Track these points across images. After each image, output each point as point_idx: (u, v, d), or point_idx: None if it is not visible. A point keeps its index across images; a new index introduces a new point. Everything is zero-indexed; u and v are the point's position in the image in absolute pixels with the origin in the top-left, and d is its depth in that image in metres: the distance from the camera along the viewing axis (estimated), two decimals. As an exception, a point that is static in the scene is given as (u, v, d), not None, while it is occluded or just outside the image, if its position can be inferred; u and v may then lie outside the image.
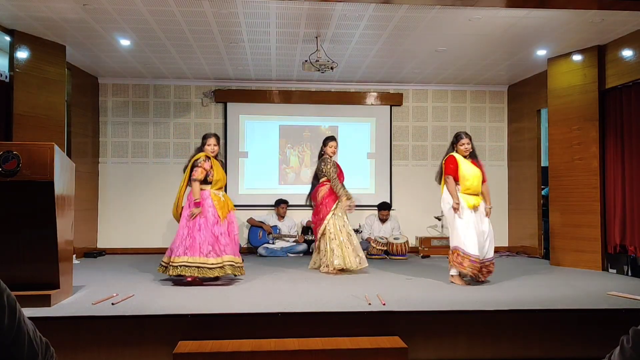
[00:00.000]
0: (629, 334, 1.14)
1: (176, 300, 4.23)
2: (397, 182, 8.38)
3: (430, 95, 8.48)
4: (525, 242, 7.88)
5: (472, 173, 5.13)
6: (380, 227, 7.78)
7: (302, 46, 6.34)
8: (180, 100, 8.18)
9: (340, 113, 8.37)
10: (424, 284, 5.12)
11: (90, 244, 7.69)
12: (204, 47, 6.40)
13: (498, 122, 8.54)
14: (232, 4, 5.04)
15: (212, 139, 5.26)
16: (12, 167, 3.76)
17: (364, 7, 5.07)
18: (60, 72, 6.34)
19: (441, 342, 3.74)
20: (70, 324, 3.60)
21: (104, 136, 8.02)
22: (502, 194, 8.39)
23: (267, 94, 8.23)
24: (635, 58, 5.70)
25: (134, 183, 8.02)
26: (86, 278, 5.29)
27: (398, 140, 8.44)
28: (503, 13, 5.20)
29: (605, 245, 6.14)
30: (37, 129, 5.92)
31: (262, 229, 7.72)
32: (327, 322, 3.74)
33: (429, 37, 6.00)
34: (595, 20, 5.36)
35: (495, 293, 4.62)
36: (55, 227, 3.93)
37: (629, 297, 4.39)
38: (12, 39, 5.75)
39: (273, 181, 8.32)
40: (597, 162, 6.19)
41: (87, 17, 5.36)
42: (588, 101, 6.28)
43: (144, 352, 3.56)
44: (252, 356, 3.30)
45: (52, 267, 4.02)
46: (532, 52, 6.52)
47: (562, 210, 6.54)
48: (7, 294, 1.04)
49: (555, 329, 3.82)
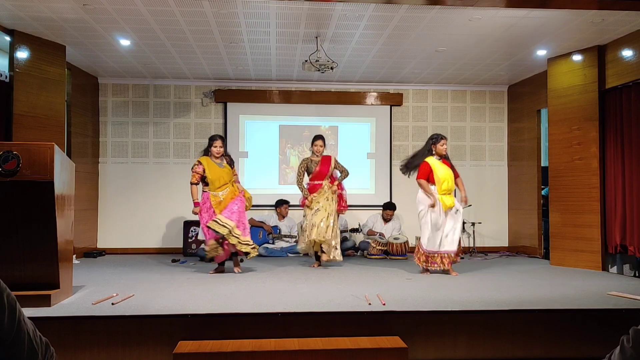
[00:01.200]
0: (629, 334, 1.14)
1: (176, 300, 4.22)
2: (397, 182, 8.37)
3: (430, 95, 8.48)
4: (525, 242, 7.88)
5: (445, 174, 5.64)
6: (383, 227, 7.78)
7: (302, 46, 6.34)
8: (180, 100, 8.18)
9: (340, 113, 8.37)
10: (424, 284, 5.12)
11: (90, 244, 7.69)
12: (204, 47, 6.40)
13: (498, 122, 8.54)
14: (232, 4, 5.04)
15: (219, 141, 5.72)
16: (12, 167, 3.76)
17: (364, 7, 5.07)
18: (60, 72, 6.34)
19: (441, 342, 3.74)
20: (70, 324, 3.59)
21: (104, 136, 8.02)
22: (502, 194, 8.39)
23: (267, 94, 8.23)
24: (635, 58, 5.70)
25: (134, 183, 8.02)
26: (86, 278, 5.29)
27: (398, 140, 8.44)
28: (503, 13, 5.20)
29: (605, 245, 6.14)
30: (37, 129, 5.92)
31: (262, 229, 7.72)
32: (327, 322, 3.73)
33: (429, 37, 6.00)
34: (595, 20, 5.36)
35: (495, 293, 4.62)
36: (55, 227, 3.92)
37: (629, 297, 4.39)
38: (12, 39, 5.75)
39: (273, 181, 8.32)
40: (597, 162, 6.19)
41: (87, 17, 5.36)
42: (588, 101, 6.28)
43: (144, 352, 3.56)
44: (252, 356, 3.30)
45: (52, 267, 4.01)
46: (532, 52, 6.52)
47: (562, 210, 6.54)
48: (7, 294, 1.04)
49: (555, 329, 3.82)
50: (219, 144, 5.69)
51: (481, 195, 8.21)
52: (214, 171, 5.62)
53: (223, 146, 5.74)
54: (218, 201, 5.55)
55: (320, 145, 6.28)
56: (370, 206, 8.16)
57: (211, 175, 5.59)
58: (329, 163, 6.26)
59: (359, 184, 8.09)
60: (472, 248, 7.89)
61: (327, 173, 6.23)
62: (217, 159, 5.70)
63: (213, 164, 5.66)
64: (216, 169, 5.64)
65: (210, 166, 5.63)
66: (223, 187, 5.63)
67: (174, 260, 6.94)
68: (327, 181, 6.21)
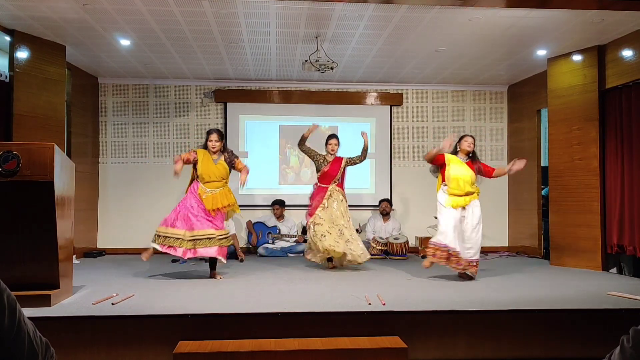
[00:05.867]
0: (629, 334, 1.14)
1: (176, 300, 4.23)
2: (397, 182, 8.38)
3: (430, 95, 8.48)
4: (525, 242, 7.88)
5: (459, 175, 5.34)
6: (382, 226, 7.79)
7: (302, 46, 6.34)
8: (180, 100, 8.18)
9: (340, 113, 8.37)
10: (424, 284, 5.12)
11: (90, 244, 7.69)
12: (204, 47, 6.40)
13: (498, 122, 8.54)
14: (232, 4, 5.04)
15: (213, 135, 5.52)
16: (12, 167, 3.76)
17: (364, 7, 5.07)
18: (60, 72, 6.34)
19: (441, 342, 3.74)
20: (70, 324, 3.59)
21: (104, 136, 8.02)
22: (502, 194, 8.39)
23: (267, 94, 8.23)
24: (635, 58, 5.70)
25: (134, 183, 8.02)
26: (86, 278, 5.29)
27: (398, 140, 8.44)
28: (503, 13, 5.20)
29: (605, 245, 6.14)
30: (37, 129, 5.92)
31: (262, 229, 7.73)
32: (327, 322, 3.73)
33: (429, 37, 6.00)
34: (595, 20, 5.36)
35: (495, 293, 4.62)
36: (55, 227, 3.92)
37: (629, 297, 4.39)
38: (12, 39, 5.74)
39: (273, 181, 8.32)
40: (597, 162, 6.19)
41: (87, 17, 5.36)
42: (588, 101, 6.28)
43: (144, 352, 3.56)
44: (252, 356, 3.30)
45: (52, 267, 4.01)
46: (532, 52, 6.52)
47: (562, 210, 6.54)
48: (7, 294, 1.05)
49: (555, 329, 3.82)
50: (214, 138, 5.47)
51: (481, 195, 8.17)
52: (206, 165, 5.42)
53: (219, 141, 5.49)
54: (205, 196, 5.34)
55: (335, 144, 6.20)
56: (371, 206, 8.16)
57: (201, 169, 5.41)
58: (339, 166, 6.19)
59: (359, 183, 8.09)
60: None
61: (335, 176, 6.16)
62: (214, 154, 5.51)
63: (208, 158, 5.47)
64: (209, 164, 5.44)
65: (204, 159, 5.44)
66: (212, 183, 5.41)
67: (173, 260, 6.93)
68: (334, 185, 6.15)
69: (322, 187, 6.17)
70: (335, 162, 6.19)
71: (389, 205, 7.90)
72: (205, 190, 5.38)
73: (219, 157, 5.53)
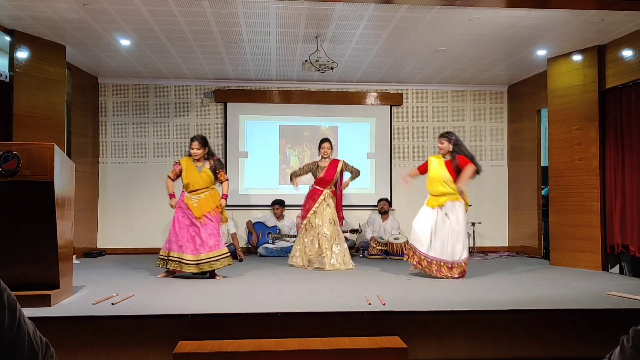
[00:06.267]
0: (629, 334, 1.14)
1: (176, 300, 4.23)
2: (397, 182, 8.37)
3: (430, 95, 8.48)
4: (525, 242, 7.88)
5: (431, 175, 5.61)
6: (381, 225, 7.79)
7: (302, 46, 6.34)
8: (180, 100, 8.18)
9: (340, 113, 8.37)
10: (424, 284, 5.12)
11: (90, 244, 7.69)
12: (204, 47, 6.40)
13: (498, 122, 8.54)
14: (232, 4, 5.04)
15: (194, 142, 5.52)
16: (12, 167, 3.76)
17: (364, 7, 5.07)
18: (60, 72, 6.34)
19: (441, 342, 3.74)
20: (70, 324, 3.59)
21: (104, 136, 8.02)
22: (502, 194, 8.39)
23: (267, 94, 8.23)
24: (635, 58, 5.70)
25: (134, 183, 8.01)
26: (86, 278, 5.29)
27: (398, 140, 8.44)
28: (503, 13, 5.20)
29: (605, 245, 6.14)
30: (37, 129, 5.92)
31: (262, 229, 7.73)
32: (327, 322, 3.73)
33: (429, 37, 6.00)
34: (595, 20, 5.36)
35: (495, 293, 4.62)
36: (55, 227, 3.92)
37: (629, 297, 4.38)
38: (12, 39, 5.74)
39: (273, 181, 8.32)
40: (597, 162, 6.19)
41: (87, 17, 5.36)
42: (588, 101, 6.28)
43: (144, 352, 3.56)
44: (252, 356, 3.30)
45: (52, 267, 4.01)
46: (532, 52, 6.52)
47: (562, 210, 6.54)
48: (7, 294, 1.04)
49: (555, 329, 3.82)
50: (196, 146, 5.44)
51: (481, 195, 8.20)
52: (190, 174, 5.44)
53: (201, 148, 5.45)
54: (191, 204, 5.39)
55: (328, 147, 6.32)
56: (371, 206, 8.16)
57: (185, 179, 5.46)
58: (335, 169, 6.26)
59: (358, 183, 8.03)
60: (472, 248, 7.88)
61: (332, 180, 6.25)
62: (198, 161, 5.48)
63: (192, 167, 5.47)
64: (193, 173, 5.45)
65: (188, 168, 5.47)
66: (197, 192, 5.43)
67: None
68: (329, 190, 6.23)
69: (317, 189, 6.28)
70: (330, 166, 6.26)
71: (388, 204, 7.91)
72: (190, 199, 5.44)
73: (204, 164, 5.51)
